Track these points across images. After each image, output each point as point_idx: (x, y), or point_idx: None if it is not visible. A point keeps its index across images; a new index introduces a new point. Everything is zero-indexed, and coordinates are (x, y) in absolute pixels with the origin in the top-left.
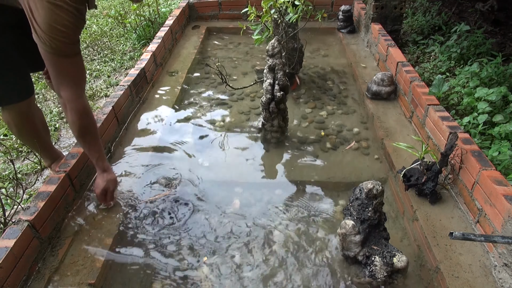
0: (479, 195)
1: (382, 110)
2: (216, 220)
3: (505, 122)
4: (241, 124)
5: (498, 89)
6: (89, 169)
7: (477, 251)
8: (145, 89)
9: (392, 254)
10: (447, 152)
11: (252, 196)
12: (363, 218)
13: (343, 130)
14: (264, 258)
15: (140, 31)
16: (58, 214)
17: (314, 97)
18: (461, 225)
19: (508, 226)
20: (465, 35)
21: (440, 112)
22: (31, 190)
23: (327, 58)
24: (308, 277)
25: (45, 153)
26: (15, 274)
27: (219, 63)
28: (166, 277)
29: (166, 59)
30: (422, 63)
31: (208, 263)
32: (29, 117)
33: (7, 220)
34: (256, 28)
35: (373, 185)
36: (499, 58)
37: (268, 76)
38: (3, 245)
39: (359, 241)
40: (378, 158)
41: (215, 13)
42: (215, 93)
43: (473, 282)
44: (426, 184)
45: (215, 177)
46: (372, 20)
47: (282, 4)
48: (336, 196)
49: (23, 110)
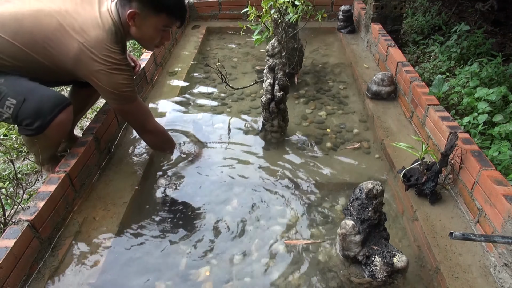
0: (479, 195)
1: (382, 110)
2: (216, 220)
3: (505, 122)
4: (241, 124)
5: (498, 89)
6: (89, 169)
7: (477, 251)
8: (145, 89)
9: (392, 254)
10: (447, 152)
11: (251, 196)
12: (363, 218)
13: (343, 130)
14: (264, 258)
15: None
16: (58, 214)
17: (314, 97)
18: (461, 225)
19: (508, 226)
20: (465, 35)
21: (440, 112)
22: (31, 190)
23: (327, 58)
24: (308, 277)
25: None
26: (15, 274)
27: (219, 63)
28: (166, 277)
29: (166, 59)
30: (422, 63)
31: (209, 263)
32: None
33: (7, 220)
34: (256, 28)
35: (373, 185)
36: (499, 58)
37: (268, 76)
38: (3, 245)
39: (359, 241)
40: (378, 158)
41: (215, 13)
42: (215, 93)
43: (473, 282)
44: (426, 184)
45: (215, 177)
46: (372, 20)
47: (282, 4)
48: (336, 196)
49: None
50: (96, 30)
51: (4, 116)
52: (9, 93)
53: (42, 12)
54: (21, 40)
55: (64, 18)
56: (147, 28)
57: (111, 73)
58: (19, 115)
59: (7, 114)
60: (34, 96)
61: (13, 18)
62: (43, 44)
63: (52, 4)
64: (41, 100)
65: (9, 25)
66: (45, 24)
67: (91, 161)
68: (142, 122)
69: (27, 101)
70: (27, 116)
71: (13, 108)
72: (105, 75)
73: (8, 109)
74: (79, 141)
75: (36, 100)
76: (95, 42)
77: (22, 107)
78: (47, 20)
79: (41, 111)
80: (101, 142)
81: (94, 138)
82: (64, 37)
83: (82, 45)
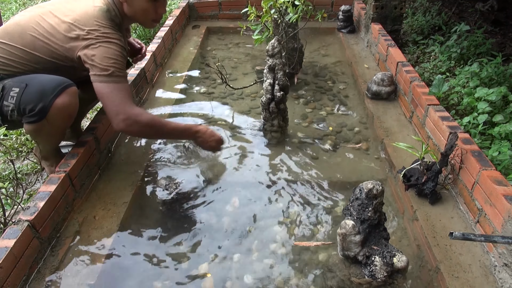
0: (479, 195)
1: (382, 110)
2: (216, 220)
3: (505, 122)
4: (241, 124)
5: (498, 89)
6: (89, 169)
7: (477, 251)
8: (145, 89)
9: (392, 254)
10: (447, 152)
11: (251, 196)
12: (363, 218)
13: (343, 130)
14: (264, 258)
15: (140, 31)
16: (58, 214)
17: (314, 97)
18: (461, 225)
19: (508, 226)
20: (465, 35)
21: (440, 112)
22: (31, 190)
23: (327, 58)
24: (308, 277)
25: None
26: (15, 274)
27: (219, 63)
28: (166, 277)
29: (166, 59)
30: (422, 63)
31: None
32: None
33: (7, 220)
34: (256, 28)
35: (373, 185)
36: (499, 58)
37: (268, 76)
38: (3, 245)
39: (359, 241)
40: (378, 158)
41: (215, 13)
42: (215, 93)
43: (473, 282)
44: (426, 184)
45: (215, 177)
46: (372, 20)
47: (282, 4)
48: (336, 196)
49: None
50: (86, 8)
51: (9, 109)
52: (13, 84)
53: (39, 10)
54: (22, 42)
55: (57, 9)
56: (137, 1)
57: (100, 45)
58: (21, 101)
59: (11, 106)
60: (36, 81)
61: (15, 24)
62: (41, 39)
63: (49, 4)
64: (43, 83)
65: (12, 32)
66: (39, 19)
67: (91, 161)
68: (120, 105)
69: (29, 86)
70: (30, 101)
71: (16, 96)
72: (93, 49)
73: (12, 99)
74: (79, 141)
75: (37, 83)
76: (85, 19)
77: (24, 92)
78: (42, 16)
79: (43, 92)
80: (101, 142)
81: (94, 138)
82: (58, 24)
83: (72, 24)
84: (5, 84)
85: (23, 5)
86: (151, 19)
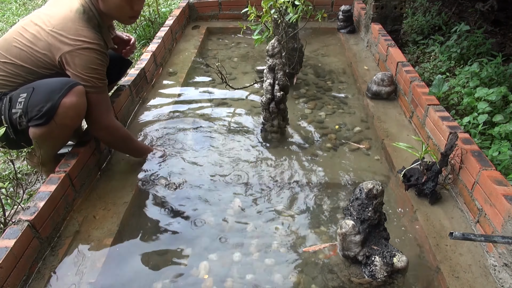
0: (479, 195)
1: (382, 110)
2: (216, 220)
3: (505, 122)
4: (241, 124)
5: (498, 89)
6: (89, 169)
7: (477, 251)
8: (145, 89)
9: (392, 254)
10: (447, 152)
11: (251, 196)
12: (363, 218)
13: (342, 130)
14: (264, 258)
15: (140, 31)
16: (58, 214)
17: (314, 97)
18: (461, 225)
19: (508, 226)
20: (465, 35)
21: (440, 112)
22: (31, 190)
23: (327, 58)
24: (308, 277)
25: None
26: (15, 274)
27: (219, 63)
28: (166, 276)
29: (166, 59)
30: (422, 63)
31: (210, 262)
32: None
33: (7, 220)
34: (256, 28)
35: (373, 185)
36: (499, 58)
37: (268, 76)
38: (3, 245)
39: (359, 241)
40: (378, 158)
41: (215, 13)
42: (215, 93)
43: (473, 282)
44: (426, 184)
45: (215, 177)
46: (372, 20)
47: (282, 4)
48: (336, 196)
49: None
50: (63, 13)
51: (18, 116)
52: (20, 91)
53: (21, 22)
54: (11, 54)
55: (37, 17)
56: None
57: (80, 53)
58: (29, 104)
59: (19, 112)
60: (42, 83)
61: (2, 39)
62: (25, 49)
63: (31, 14)
64: (49, 84)
65: (0, 47)
66: (22, 30)
67: (91, 161)
68: (101, 116)
69: (36, 89)
70: (38, 102)
71: (24, 101)
72: (75, 56)
73: (19, 105)
74: (79, 141)
75: (44, 85)
76: (63, 23)
77: (32, 96)
78: (24, 26)
79: (50, 92)
80: (101, 142)
81: (94, 138)
82: (38, 32)
83: (51, 31)
84: (12, 95)
85: (23, 5)
86: (128, 15)
